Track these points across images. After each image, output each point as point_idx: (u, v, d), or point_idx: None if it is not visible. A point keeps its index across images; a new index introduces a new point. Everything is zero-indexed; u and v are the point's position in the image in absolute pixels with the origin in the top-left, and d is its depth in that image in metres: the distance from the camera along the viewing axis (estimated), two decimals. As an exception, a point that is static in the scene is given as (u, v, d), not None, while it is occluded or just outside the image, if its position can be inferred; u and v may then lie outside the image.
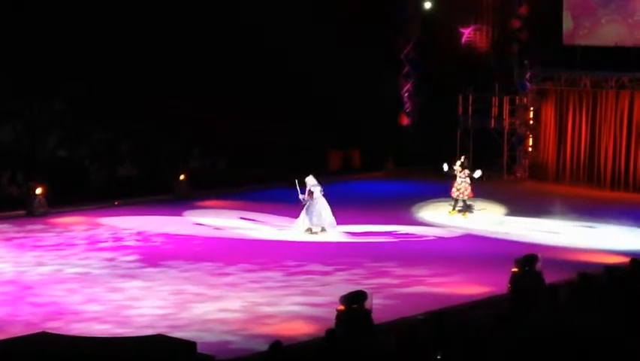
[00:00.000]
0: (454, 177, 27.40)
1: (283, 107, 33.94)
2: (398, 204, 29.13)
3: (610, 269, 16.03)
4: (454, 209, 27.45)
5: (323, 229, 24.96)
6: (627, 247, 23.33)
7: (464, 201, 27.43)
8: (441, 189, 31.06)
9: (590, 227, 26.17)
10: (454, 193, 27.34)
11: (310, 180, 25.03)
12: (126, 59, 32.75)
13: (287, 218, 26.08)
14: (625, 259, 19.31)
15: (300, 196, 24.81)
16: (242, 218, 26.95)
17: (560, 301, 14.77)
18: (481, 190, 29.62)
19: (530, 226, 26.47)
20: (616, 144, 31.97)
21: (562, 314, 13.65)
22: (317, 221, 24.93)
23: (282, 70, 34.00)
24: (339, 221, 25.44)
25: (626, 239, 24.49)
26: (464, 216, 27.40)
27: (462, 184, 27.22)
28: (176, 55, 33.38)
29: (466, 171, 27.22)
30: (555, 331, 12.63)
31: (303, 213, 24.95)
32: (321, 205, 24.92)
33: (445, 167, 27.79)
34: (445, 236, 25.28)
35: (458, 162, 27.55)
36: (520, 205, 29.13)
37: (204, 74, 33.54)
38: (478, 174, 27.35)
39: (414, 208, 28.74)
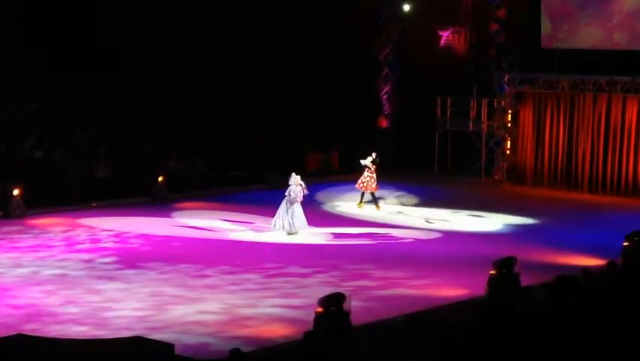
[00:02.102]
0: (363, 171, 28.76)
1: (262, 110, 33.93)
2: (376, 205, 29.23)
3: (587, 271, 16.08)
4: (361, 201, 28.97)
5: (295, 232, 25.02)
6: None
7: (372, 194, 28.78)
8: (420, 190, 31.31)
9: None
10: (360, 186, 28.77)
11: (296, 179, 25.06)
12: (104, 60, 32.64)
13: (268, 219, 26.13)
14: (602, 261, 19.40)
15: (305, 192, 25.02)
16: (224, 220, 26.89)
17: (537, 303, 14.81)
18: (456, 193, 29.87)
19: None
20: (593, 147, 32.12)
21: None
22: (299, 224, 24.99)
23: (262, 72, 33.97)
24: (319, 223, 25.47)
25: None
26: (377, 208, 28.68)
27: (367, 178, 28.61)
28: (155, 56, 33.30)
29: (373, 167, 28.61)
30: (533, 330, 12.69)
31: (288, 215, 24.90)
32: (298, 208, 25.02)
33: (364, 161, 28.75)
34: (423, 238, 25.32)
35: (369, 158, 28.58)
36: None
37: (183, 75, 33.46)
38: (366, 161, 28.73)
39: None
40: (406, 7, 36.24)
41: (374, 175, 28.60)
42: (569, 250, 23.54)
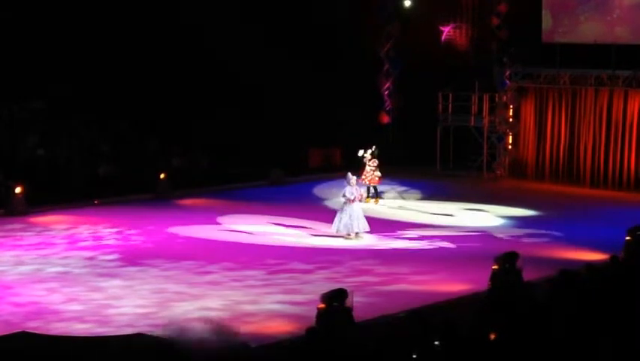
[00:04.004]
0: (364, 165, 28.93)
1: (264, 106, 33.94)
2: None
3: (590, 266, 16.07)
4: (368, 196, 28.85)
5: (357, 234, 24.22)
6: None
7: (374, 187, 29.06)
8: (422, 186, 31.30)
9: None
10: (363, 181, 28.64)
11: (353, 180, 24.25)
12: (106, 58, 32.65)
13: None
14: (604, 256, 19.38)
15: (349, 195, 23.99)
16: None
17: (539, 298, 14.81)
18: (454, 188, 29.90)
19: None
20: (595, 141, 32.12)
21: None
22: (359, 226, 24.12)
23: (263, 68, 33.96)
24: (323, 218, 25.49)
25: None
26: (375, 202, 28.97)
27: (369, 172, 28.78)
28: (157, 52, 33.31)
29: (375, 160, 28.81)
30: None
31: (347, 217, 24.03)
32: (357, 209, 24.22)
33: (361, 152, 29.01)
34: (427, 234, 25.26)
35: (369, 151, 28.83)
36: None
37: (185, 72, 33.47)
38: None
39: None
40: (407, 3, 36.22)
41: (375, 168, 28.77)
42: (572, 245, 23.54)
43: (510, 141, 34.31)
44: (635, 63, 31.00)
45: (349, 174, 24.45)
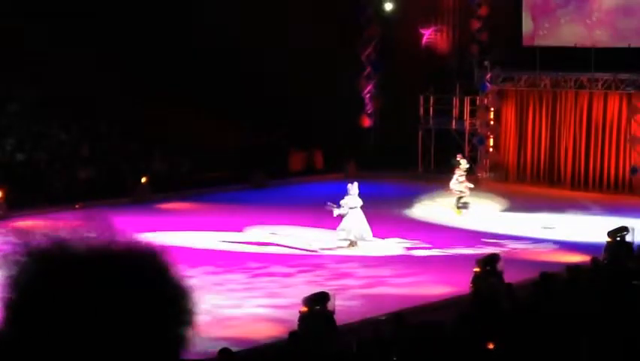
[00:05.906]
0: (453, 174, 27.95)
1: (245, 108, 33.89)
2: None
3: (571, 268, 16.13)
4: (457, 207, 27.86)
5: (354, 243, 23.46)
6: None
7: (458, 198, 27.89)
8: (405, 189, 31.29)
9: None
10: (458, 190, 27.80)
11: (353, 189, 23.52)
12: (86, 60, 32.51)
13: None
14: (586, 258, 19.44)
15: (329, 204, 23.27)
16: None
17: (520, 300, 14.85)
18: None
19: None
20: (575, 144, 32.26)
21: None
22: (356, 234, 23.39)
23: (245, 70, 33.92)
24: (303, 222, 25.43)
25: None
26: (458, 213, 27.76)
27: (455, 182, 27.72)
28: (135, 56, 33.21)
29: (462, 171, 27.87)
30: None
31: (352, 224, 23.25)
32: (356, 217, 23.39)
33: (464, 162, 28.27)
34: (411, 238, 25.24)
35: (464, 162, 27.96)
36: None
37: (163, 74, 33.38)
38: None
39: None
40: (388, 6, 36.29)
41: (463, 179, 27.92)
42: (552, 247, 23.61)
43: (491, 144, 34.41)
44: (614, 66, 31.12)
45: (355, 183, 23.88)
